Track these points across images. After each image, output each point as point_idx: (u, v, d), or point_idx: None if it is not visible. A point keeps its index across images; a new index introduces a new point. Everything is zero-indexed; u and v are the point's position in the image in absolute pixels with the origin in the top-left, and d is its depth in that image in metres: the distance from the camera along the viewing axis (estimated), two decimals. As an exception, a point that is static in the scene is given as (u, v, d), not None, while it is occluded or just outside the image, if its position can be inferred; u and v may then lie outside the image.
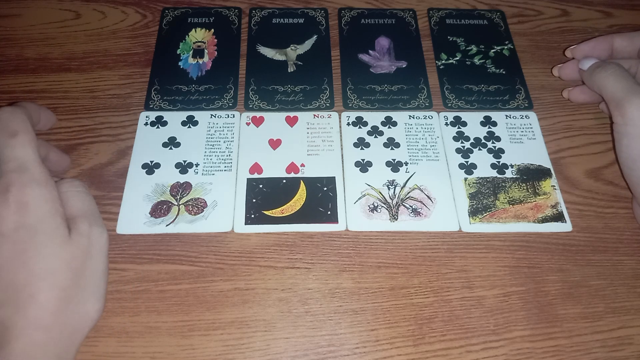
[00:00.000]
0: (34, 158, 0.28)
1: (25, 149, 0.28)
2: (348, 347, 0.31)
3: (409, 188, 0.37)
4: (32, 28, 0.46)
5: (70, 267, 0.27)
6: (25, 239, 0.27)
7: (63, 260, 0.27)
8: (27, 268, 0.26)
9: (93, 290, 0.28)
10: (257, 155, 0.39)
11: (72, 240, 0.28)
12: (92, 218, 0.29)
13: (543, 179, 0.38)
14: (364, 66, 0.44)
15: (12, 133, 0.28)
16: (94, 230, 0.29)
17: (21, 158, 0.28)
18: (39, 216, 0.27)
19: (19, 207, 0.27)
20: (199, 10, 0.47)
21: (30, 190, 0.27)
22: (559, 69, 0.43)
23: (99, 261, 0.29)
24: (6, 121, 0.29)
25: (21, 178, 0.27)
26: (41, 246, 0.27)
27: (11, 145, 0.28)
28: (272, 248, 0.35)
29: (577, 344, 0.32)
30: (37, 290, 0.26)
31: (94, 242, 0.29)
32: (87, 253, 0.28)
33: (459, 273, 0.34)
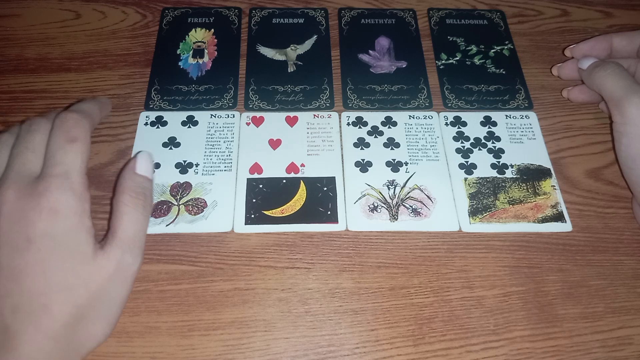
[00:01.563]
0: (80, 169, 0.28)
1: (77, 158, 0.28)
2: (348, 347, 0.31)
3: (409, 188, 0.37)
4: (32, 28, 0.46)
5: (87, 288, 0.26)
6: (49, 248, 0.26)
7: (81, 279, 0.26)
8: (46, 278, 0.26)
9: (106, 315, 0.28)
10: (257, 155, 0.39)
11: (96, 262, 0.27)
12: (130, 244, 0.28)
13: (543, 179, 0.38)
14: (364, 66, 0.44)
15: (72, 139, 0.28)
16: (125, 257, 0.28)
17: (68, 165, 0.28)
18: (66, 228, 0.27)
19: (50, 213, 0.26)
20: (199, 10, 0.47)
21: (65, 200, 0.27)
22: (558, 68, 0.43)
23: (120, 289, 0.28)
24: (70, 126, 0.29)
25: (61, 184, 0.27)
26: (62, 260, 0.26)
27: (65, 150, 0.28)
28: (272, 248, 0.35)
29: (577, 344, 0.32)
30: (51, 302, 0.26)
31: (121, 270, 0.28)
32: (110, 279, 0.27)
33: (459, 273, 0.34)
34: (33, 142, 0.29)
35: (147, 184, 0.30)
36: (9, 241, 0.26)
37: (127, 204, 0.29)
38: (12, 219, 0.26)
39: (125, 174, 0.30)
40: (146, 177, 0.30)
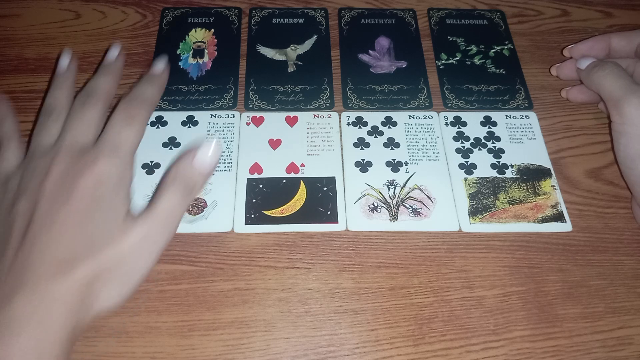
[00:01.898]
0: (130, 148, 0.30)
1: (130, 137, 0.30)
2: (348, 347, 0.31)
3: (409, 188, 0.37)
4: (32, 28, 0.46)
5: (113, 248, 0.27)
6: (86, 205, 0.28)
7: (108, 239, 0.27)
8: (78, 230, 0.27)
9: (124, 282, 0.28)
10: (257, 155, 0.39)
11: (126, 228, 0.28)
12: (161, 221, 0.29)
13: (543, 179, 0.38)
14: (364, 66, 0.44)
15: (130, 121, 0.31)
16: (153, 233, 0.28)
17: (123, 140, 0.30)
18: (105, 193, 0.28)
19: (94, 179, 0.28)
20: (199, 10, 0.47)
21: (112, 168, 0.29)
22: (557, 68, 0.43)
23: (143, 261, 0.28)
24: (132, 109, 0.31)
25: (111, 154, 0.29)
26: (95, 217, 0.28)
27: (122, 128, 0.30)
28: (272, 248, 0.35)
29: (577, 344, 0.32)
30: (77, 252, 0.27)
31: (147, 243, 0.28)
32: (134, 248, 0.28)
33: (459, 273, 0.34)
34: (90, 116, 0.31)
35: (197, 178, 0.30)
36: (51, 197, 0.28)
37: (171, 185, 0.29)
38: (60, 178, 0.28)
39: (184, 158, 0.30)
40: (199, 171, 0.29)
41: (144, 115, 0.32)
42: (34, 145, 0.31)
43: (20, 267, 0.26)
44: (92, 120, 0.31)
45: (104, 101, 0.33)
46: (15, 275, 0.26)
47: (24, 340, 0.24)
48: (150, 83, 0.34)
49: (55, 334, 0.25)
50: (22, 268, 0.26)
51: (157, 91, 0.34)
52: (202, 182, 0.30)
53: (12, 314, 0.24)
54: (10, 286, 0.26)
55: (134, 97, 0.32)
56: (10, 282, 0.26)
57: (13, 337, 0.24)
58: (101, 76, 0.34)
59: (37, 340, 0.24)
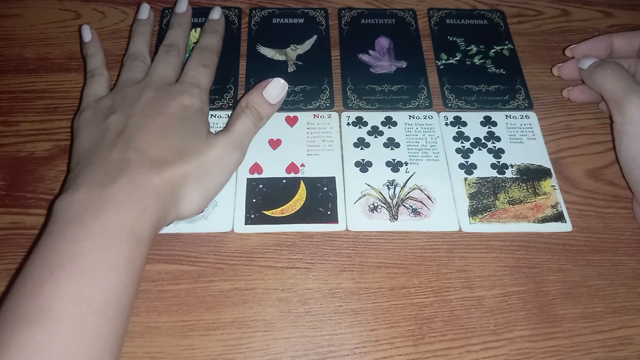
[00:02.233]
0: (207, 85, 0.37)
1: (206, 77, 0.37)
2: (348, 347, 0.31)
3: (409, 188, 0.37)
4: (32, 28, 0.46)
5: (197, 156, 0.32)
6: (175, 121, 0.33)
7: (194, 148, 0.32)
8: (168, 139, 0.32)
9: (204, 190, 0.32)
10: (257, 155, 0.39)
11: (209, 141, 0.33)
12: (237, 140, 0.34)
13: (543, 179, 0.38)
14: (364, 66, 0.44)
15: (205, 65, 0.37)
16: (230, 148, 0.33)
17: (201, 80, 0.36)
18: (190, 114, 0.34)
19: (180, 104, 0.34)
20: (199, 11, 0.47)
21: (194, 100, 0.34)
22: (559, 68, 0.43)
23: (221, 173, 0.33)
24: (205, 57, 0.38)
25: (191, 90, 0.35)
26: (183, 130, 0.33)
27: (199, 70, 0.37)
28: (272, 248, 0.35)
29: (577, 344, 0.32)
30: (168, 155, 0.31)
31: (225, 157, 0.33)
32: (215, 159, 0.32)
33: (459, 273, 0.34)
34: (171, 60, 0.38)
35: (267, 106, 0.35)
36: (144, 111, 0.33)
37: (244, 111, 0.35)
38: (150, 101, 0.34)
39: (255, 90, 0.35)
40: (268, 101, 0.35)
41: (214, 60, 0.39)
42: (123, 80, 0.36)
43: (118, 157, 0.30)
44: (175, 64, 0.37)
45: (183, 51, 0.39)
46: (114, 164, 0.30)
47: (123, 216, 0.28)
48: (212, 33, 0.40)
49: (146, 217, 0.28)
50: (120, 158, 0.30)
51: (219, 39, 0.41)
52: (270, 112, 0.36)
53: (113, 193, 0.28)
54: (110, 172, 0.29)
55: (204, 47, 0.39)
56: (111, 168, 0.29)
57: (115, 211, 0.27)
58: (177, 29, 0.40)
59: (131, 217, 0.28)
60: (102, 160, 0.30)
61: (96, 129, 0.33)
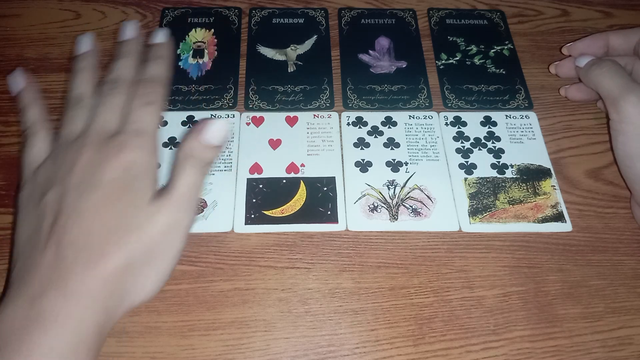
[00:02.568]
0: (153, 129, 0.31)
1: (152, 119, 0.31)
2: (348, 347, 0.31)
3: (409, 188, 0.37)
4: (32, 28, 0.46)
5: (141, 234, 0.28)
6: (114, 193, 0.28)
7: (135, 225, 0.28)
8: (106, 219, 0.27)
9: (156, 268, 0.28)
10: (257, 155, 0.39)
11: (152, 212, 0.28)
12: (182, 201, 0.29)
13: (543, 179, 0.38)
14: (364, 66, 0.44)
15: (149, 102, 0.31)
16: (178, 211, 0.29)
17: (145, 124, 0.30)
18: (133, 177, 0.29)
19: (121, 163, 0.29)
20: (199, 10, 0.47)
21: (138, 154, 0.29)
22: (556, 66, 0.43)
23: (172, 241, 0.29)
24: (149, 91, 0.32)
25: (136, 141, 0.29)
26: (123, 204, 0.28)
27: (143, 112, 0.31)
28: (272, 248, 0.35)
29: (577, 344, 0.32)
30: (107, 243, 0.27)
31: (173, 224, 0.28)
32: (162, 231, 0.28)
33: (459, 273, 0.34)
34: (113, 103, 0.32)
35: (209, 152, 0.30)
36: (79, 185, 0.28)
37: (186, 163, 0.29)
38: (86, 167, 0.29)
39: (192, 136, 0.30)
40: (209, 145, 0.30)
41: (160, 96, 0.32)
42: (63, 135, 0.32)
43: (50, 261, 0.26)
44: (117, 107, 0.32)
45: (127, 86, 0.33)
46: (46, 269, 0.26)
47: (52, 337, 0.25)
48: (157, 60, 0.34)
49: (83, 331, 0.25)
50: (52, 262, 0.26)
51: (165, 68, 0.35)
52: (214, 156, 0.31)
53: (42, 309, 0.25)
54: (41, 280, 0.26)
55: (148, 80, 0.33)
56: (42, 275, 0.26)
57: (42, 333, 0.24)
58: (124, 59, 0.34)
59: (64, 337, 0.25)
60: (36, 264, 0.27)
61: (33, 213, 0.29)
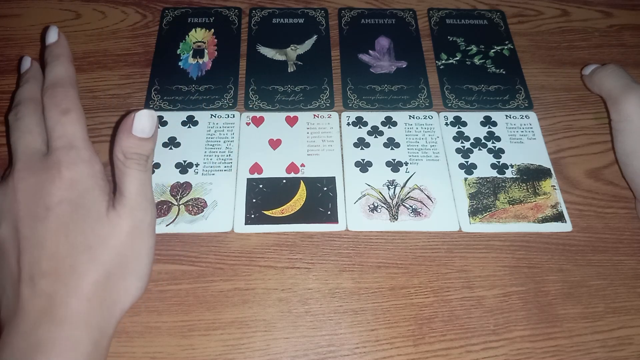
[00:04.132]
0: (82, 136, 0.29)
1: (75, 127, 0.29)
2: (348, 347, 0.31)
3: (409, 188, 0.37)
4: (32, 28, 0.46)
5: (108, 245, 0.28)
6: (67, 213, 0.28)
7: (100, 238, 0.28)
8: (69, 241, 0.27)
9: (134, 270, 0.29)
10: (257, 155, 0.39)
11: (111, 221, 0.28)
12: (137, 200, 0.29)
13: (543, 179, 0.38)
14: (364, 66, 0.44)
15: (65, 111, 0.30)
16: (136, 214, 0.29)
17: (71, 136, 0.29)
18: (81, 192, 0.28)
19: (64, 182, 0.28)
20: (199, 10, 0.47)
21: (77, 168, 0.28)
22: None
23: (141, 243, 0.29)
24: (60, 99, 0.30)
25: (70, 156, 0.28)
26: (81, 221, 0.28)
27: (63, 123, 0.29)
28: (272, 248, 0.35)
29: (577, 344, 0.32)
30: (77, 263, 0.27)
31: (136, 225, 0.29)
32: (127, 235, 0.28)
33: (459, 273, 0.34)
34: (26, 125, 0.31)
35: (145, 144, 0.29)
36: (29, 213, 0.28)
37: (126, 164, 0.29)
38: (29, 193, 0.28)
39: (122, 134, 0.29)
40: (143, 137, 0.29)
41: (72, 98, 0.31)
42: None
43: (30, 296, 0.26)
44: (34, 126, 0.31)
45: (33, 105, 0.32)
46: (30, 304, 0.26)
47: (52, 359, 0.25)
48: (56, 61, 0.33)
49: (80, 350, 0.26)
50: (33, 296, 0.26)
51: (67, 63, 0.33)
52: (151, 147, 0.30)
53: (39, 339, 0.25)
54: (30, 315, 0.26)
55: (53, 84, 0.31)
56: (29, 310, 0.26)
57: (45, 358, 0.25)
58: (26, 84, 0.33)
59: (63, 358, 0.25)
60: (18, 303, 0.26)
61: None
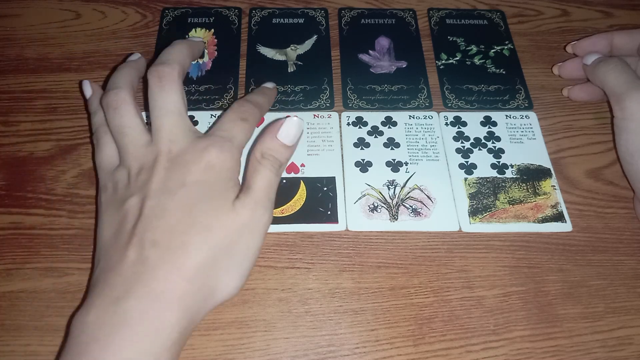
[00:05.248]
0: (241, 141, 0.31)
1: (242, 132, 0.31)
2: (348, 347, 0.31)
3: (409, 188, 0.37)
4: (32, 28, 0.46)
5: (225, 232, 0.28)
6: (198, 193, 0.29)
7: (220, 223, 0.28)
8: (189, 217, 0.28)
9: (238, 265, 0.29)
10: (257, 155, 0.39)
11: (235, 210, 0.29)
12: (262, 198, 0.30)
13: (543, 179, 0.38)
14: (364, 66, 0.44)
15: (244, 118, 0.32)
16: (258, 210, 0.29)
17: (234, 134, 0.31)
18: (217, 179, 0.29)
19: (207, 166, 0.29)
20: (199, 10, 0.47)
21: (224, 157, 0.30)
22: (559, 67, 0.43)
23: (252, 239, 0.29)
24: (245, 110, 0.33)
25: (224, 145, 0.30)
26: (207, 203, 0.28)
27: (237, 126, 0.31)
28: (272, 248, 0.35)
29: (577, 344, 0.32)
30: (190, 241, 0.27)
31: (254, 221, 0.29)
32: (244, 227, 0.29)
33: (459, 273, 0.34)
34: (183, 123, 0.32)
35: (284, 151, 0.31)
36: (165, 187, 0.29)
37: (261, 163, 0.30)
38: (172, 169, 0.29)
39: (267, 135, 0.31)
40: (285, 144, 0.31)
41: (255, 116, 0.33)
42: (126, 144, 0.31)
43: (133, 261, 0.27)
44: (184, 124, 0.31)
45: None
46: (129, 270, 0.27)
47: (138, 339, 0.25)
48: (262, 93, 0.37)
49: (164, 336, 0.26)
50: (136, 262, 0.27)
51: (267, 100, 0.37)
52: (289, 155, 0.32)
53: (127, 311, 0.25)
54: (125, 282, 0.26)
55: (248, 100, 0.34)
56: (126, 277, 0.26)
57: (128, 334, 0.25)
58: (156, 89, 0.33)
59: (147, 339, 0.25)
60: (119, 265, 0.27)
61: (116, 215, 0.29)
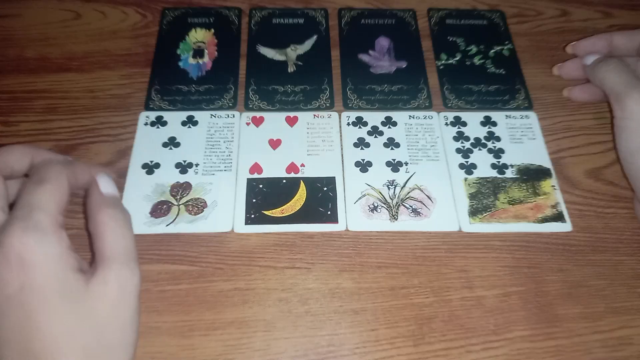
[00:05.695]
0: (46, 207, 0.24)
1: (44, 197, 0.25)
2: (348, 347, 0.31)
3: (409, 188, 0.37)
4: (32, 28, 0.46)
5: (90, 324, 0.24)
6: (33, 300, 0.23)
7: (80, 318, 0.24)
8: (41, 332, 0.23)
9: (120, 341, 0.25)
10: (257, 155, 0.39)
11: (91, 292, 0.24)
12: (122, 259, 0.25)
13: (543, 179, 0.38)
14: (364, 66, 0.44)
15: (40, 181, 0.25)
16: (121, 275, 0.25)
17: (33, 205, 0.24)
18: (45, 273, 0.23)
19: (22, 264, 0.23)
20: (199, 11, 0.47)
21: (34, 244, 0.23)
22: (559, 67, 0.43)
23: (125, 308, 0.25)
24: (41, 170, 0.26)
25: (24, 227, 0.23)
26: (52, 307, 0.23)
27: (31, 192, 0.25)
28: (272, 248, 0.35)
29: (577, 344, 0.32)
30: (58, 355, 0.23)
31: (121, 288, 0.25)
32: (114, 302, 0.25)
33: (459, 273, 0.34)
34: None
35: (118, 201, 0.28)
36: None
37: (106, 222, 0.26)
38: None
39: (93, 196, 0.27)
40: (114, 194, 0.28)
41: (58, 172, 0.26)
42: None
43: None
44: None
45: None
46: None
47: None
48: None
49: None
50: None
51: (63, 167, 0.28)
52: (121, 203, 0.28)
53: None
54: None
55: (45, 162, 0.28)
56: None
57: None
58: None
59: None
60: None
61: None
